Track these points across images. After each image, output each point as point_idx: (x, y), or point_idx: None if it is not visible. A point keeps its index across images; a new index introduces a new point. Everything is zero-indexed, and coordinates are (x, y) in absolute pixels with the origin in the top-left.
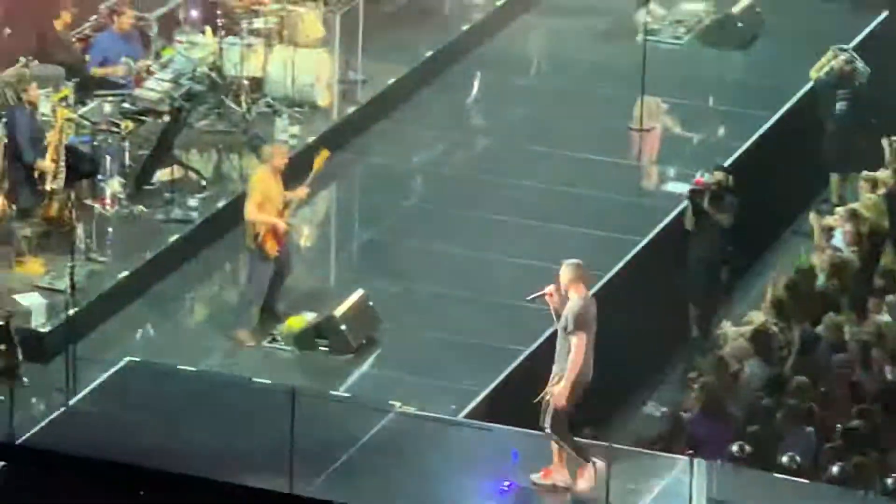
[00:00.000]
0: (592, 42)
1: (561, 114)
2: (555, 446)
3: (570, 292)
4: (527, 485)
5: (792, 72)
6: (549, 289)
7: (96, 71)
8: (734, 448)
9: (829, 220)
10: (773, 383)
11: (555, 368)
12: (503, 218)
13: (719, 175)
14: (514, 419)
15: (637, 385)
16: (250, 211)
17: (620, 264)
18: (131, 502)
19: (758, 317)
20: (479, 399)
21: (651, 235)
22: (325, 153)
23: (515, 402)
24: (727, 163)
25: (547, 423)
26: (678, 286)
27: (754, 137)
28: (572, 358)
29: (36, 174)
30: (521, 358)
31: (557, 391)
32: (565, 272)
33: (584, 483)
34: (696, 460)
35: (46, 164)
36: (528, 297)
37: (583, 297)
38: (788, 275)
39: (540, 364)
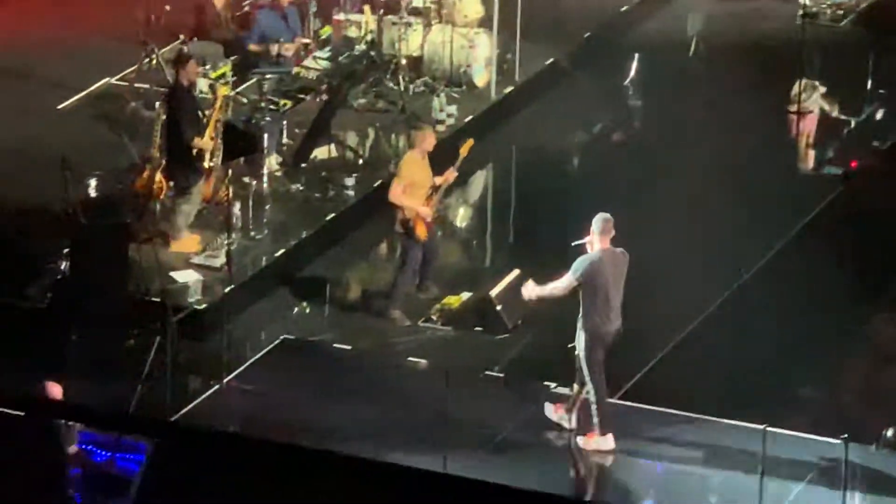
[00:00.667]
0: (751, 23)
1: (718, 95)
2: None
3: (593, 243)
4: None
5: None
6: (589, 238)
7: (253, 48)
8: (889, 433)
9: None
10: None
11: None
12: (658, 199)
13: (876, 158)
14: (663, 401)
15: (790, 369)
16: (393, 194)
17: (777, 247)
18: (284, 480)
19: None
20: (631, 383)
21: (808, 218)
22: (469, 142)
23: (666, 384)
24: (885, 146)
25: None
26: (834, 271)
27: None
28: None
29: (194, 152)
30: (671, 344)
31: None
32: (593, 223)
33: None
34: (850, 444)
35: (205, 141)
36: (574, 244)
37: (596, 252)
38: None
39: (690, 348)
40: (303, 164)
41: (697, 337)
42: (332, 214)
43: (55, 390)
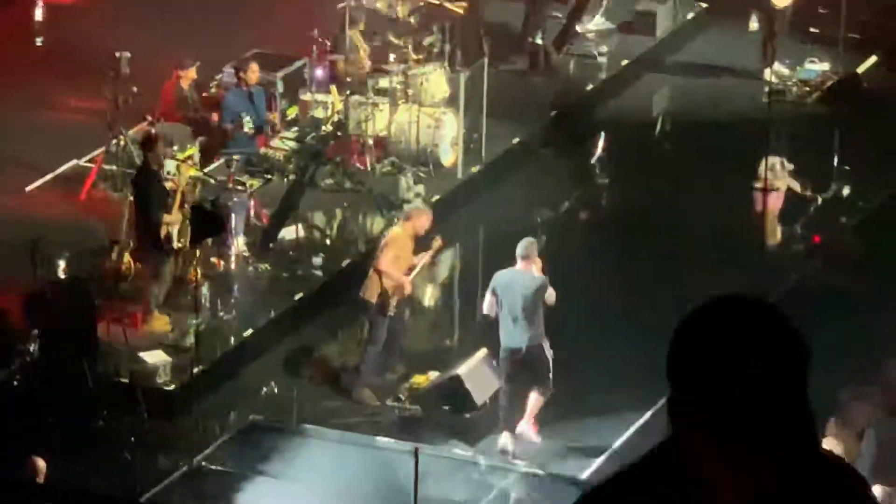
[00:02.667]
0: (717, 101)
1: (685, 172)
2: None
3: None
4: None
5: None
6: None
7: (220, 128)
8: None
9: None
10: None
11: None
12: (624, 277)
13: (841, 234)
14: None
15: None
16: (386, 264)
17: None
18: None
19: None
20: (602, 458)
21: (776, 295)
22: (438, 242)
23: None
24: (851, 223)
25: None
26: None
27: (881, 198)
28: None
29: (162, 233)
30: (646, 416)
31: None
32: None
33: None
34: None
35: (172, 221)
36: None
37: (507, 270)
38: None
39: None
40: (270, 245)
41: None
42: (300, 294)
43: (28, 472)
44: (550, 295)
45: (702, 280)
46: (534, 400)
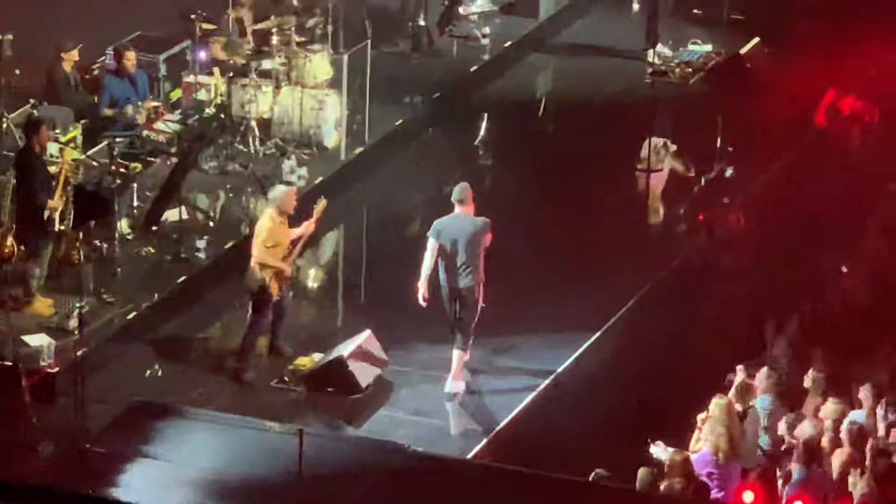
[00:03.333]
0: (600, 82)
1: (568, 153)
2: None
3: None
4: None
5: (802, 112)
6: None
7: (105, 112)
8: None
9: None
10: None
11: None
12: (508, 258)
13: (724, 213)
14: (520, 460)
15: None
16: (259, 254)
17: (629, 304)
18: None
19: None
20: (484, 441)
21: (659, 276)
22: (323, 203)
23: (523, 443)
24: (733, 203)
25: None
26: (685, 326)
27: (762, 178)
28: None
29: (45, 215)
30: (529, 398)
31: None
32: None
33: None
34: None
35: (55, 204)
36: None
37: (446, 216)
38: None
39: (548, 408)
40: (154, 227)
41: (550, 398)
42: (184, 277)
43: None
44: (488, 237)
45: (584, 261)
46: (457, 357)
